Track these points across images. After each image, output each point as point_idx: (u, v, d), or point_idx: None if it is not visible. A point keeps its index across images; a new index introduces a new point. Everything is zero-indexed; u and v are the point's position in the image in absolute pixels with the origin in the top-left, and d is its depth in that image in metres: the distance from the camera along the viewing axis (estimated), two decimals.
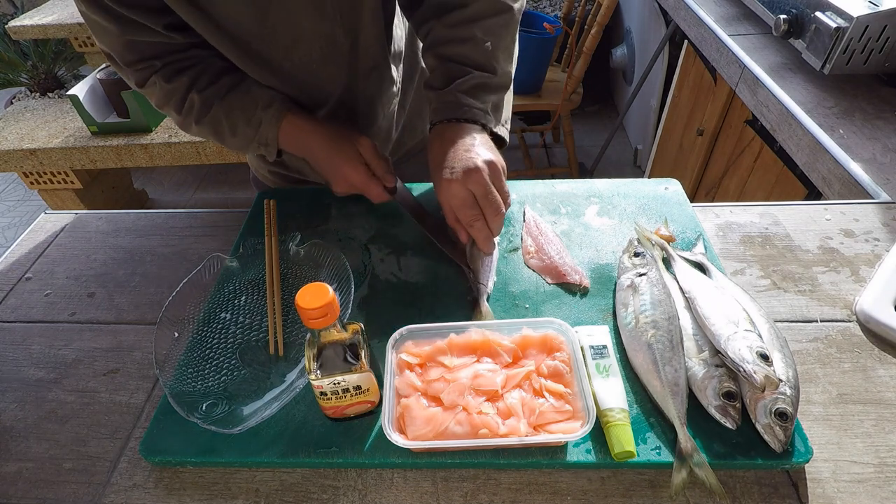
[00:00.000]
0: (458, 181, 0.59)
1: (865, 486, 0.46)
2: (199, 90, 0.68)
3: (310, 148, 0.69)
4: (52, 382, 0.59)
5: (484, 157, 0.60)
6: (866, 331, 0.58)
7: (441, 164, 0.61)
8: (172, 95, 0.68)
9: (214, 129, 0.71)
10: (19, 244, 0.78)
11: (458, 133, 0.63)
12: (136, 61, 0.66)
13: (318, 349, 0.46)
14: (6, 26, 1.94)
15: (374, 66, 0.74)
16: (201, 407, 0.52)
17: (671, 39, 1.86)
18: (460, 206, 0.59)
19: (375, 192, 0.69)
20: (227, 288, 0.65)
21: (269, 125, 0.69)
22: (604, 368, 0.51)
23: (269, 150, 0.71)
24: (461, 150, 0.61)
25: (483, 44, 0.65)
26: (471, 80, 0.65)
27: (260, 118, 0.69)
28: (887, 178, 0.79)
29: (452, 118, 0.64)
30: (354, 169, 0.67)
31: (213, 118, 0.69)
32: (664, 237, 0.66)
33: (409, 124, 0.90)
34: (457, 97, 0.65)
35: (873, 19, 0.91)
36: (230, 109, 0.69)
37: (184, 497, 0.48)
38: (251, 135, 0.70)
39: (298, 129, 0.69)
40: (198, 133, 0.73)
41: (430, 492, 0.47)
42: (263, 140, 0.70)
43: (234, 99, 0.69)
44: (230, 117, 0.69)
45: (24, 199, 2.56)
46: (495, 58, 0.66)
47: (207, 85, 0.68)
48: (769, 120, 1.04)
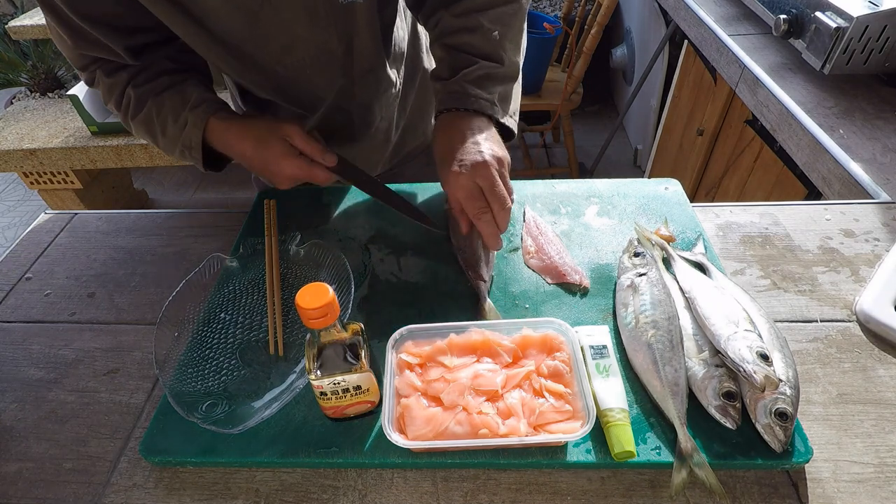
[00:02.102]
0: (467, 174, 0.59)
1: (865, 486, 0.46)
2: (136, 86, 0.65)
3: (239, 150, 0.66)
4: (52, 382, 0.59)
5: (492, 151, 0.60)
6: (866, 331, 0.58)
7: (449, 155, 0.61)
8: (113, 91, 0.66)
9: (147, 128, 0.68)
10: (19, 244, 0.78)
11: (465, 124, 0.63)
12: (87, 65, 0.66)
13: (318, 349, 0.46)
14: (6, 26, 1.94)
15: (369, 69, 0.74)
16: (201, 407, 0.52)
17: (671, 39, 1.86)
18: (467, 199, 0.59)
19: (321, 177, 0.65)
20: (227, 288, 0.65)
21: (193, 127, 0.65)
22: (604, 368, 0.51)
23: (194, 154, 0.66)
24: (469, 142, 0.61)
25: (490, 33, 0.65)
26: (477, 70, 0.64)
27: (186, 118, 0.65)
28: (887, 178, 0.79)
29: (459, 108, 0.64)
30: (290, 162, 0.64)
31: (147, 116, 0.66)
32: (664, 237, 0.66)
33: (409, 125, 0.90)
34: (463, 87, 0.64)
35: (873, 19, 0.91)
36: (161, 107, 0.66)
37: (184, 497, 0.48)
38: (176, 135, 0.66)
39: (223, 132, 0.65)
40: (136, 132, 0.70)
41: (430, 492, 0.47)
42: (188, 142, 0.65)
43: (166, 97, 0.66)
44: (161, 115, 0.66)
45: (24, 199, 2.56)
46: (503, 47, 0.66)
47: (146, 81, 0.66)
48: (769, 120, 1.04)
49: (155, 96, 0.65)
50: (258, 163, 0.64)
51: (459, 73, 0.64)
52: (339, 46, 0.68)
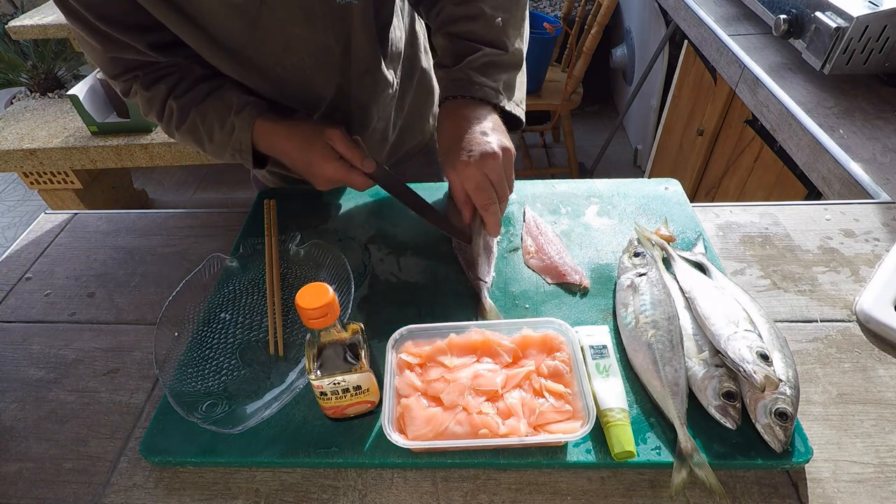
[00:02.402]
0: (475, 165, 0.59)
1: (865, 486, 0.46)
2: (176, 97, 0.67)
3: (284, 151, 0.67)
4: (52, 382, 0.59)
5: (500, 143, 0.60)
6: (866, 331, 0.58)
7: (455, 144, 0.61)
8: (153, 104, 0.68)
9: (194, 136, 0.70)
10: (19, 244, 0.78)
11: (470, 112, 0.62)
12: (119, 74, 0.66)
13: (318, 349, 0.46)
14: (6, 26, 1.94)
15: (366, 69, 0.74)
16: (201, 407, 0.52)
17: (671, 39, 1.86)
18: (475, 189, 0.60)
19: (359, 182, 0.67)
20: (227, 288, 0.65)
21: (241, 130, 0.67)
22: (604, 368, 0.51)
23: (244, 157, 0.69)
24: (477, 131, 0.61)
25: (493, 20, 0.64)
26: (482, 58, 0.64)
27: (233, 124, 0.67)
28: (887, 178, 0.79)
29: (464, 95, 0.63)
30: (330, 165, 0.65)
31: (192, 125, 0.68)
32: (664, 237, 0.66)
33: (407, 125, 0.90)
34: (467, 74, 0.64)
35: (873, 19, 0.91)
36: (205, 115, 0.68)
37: (184, 497, 0.48)
38: (226, 140, 0.68)
39: (269, 133, 0.67)
40: (181, 140, 0.72)
41: (430, 492, 0.47)
42: (237, 146, 0.68)
43: (209, 105, 0.68)
44: (206, 123, 0.68)
45: (24, 199, 2.56)
46: (506, 34, 0.66)
47: (185, 92, 0.68)
48: (769, 120, 1.04)
49: (197, 106, 0.67)
50: (301, 163, 0.66)
51: (463, 60, 0.64)
52: (336, 46, 0.68)
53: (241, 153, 0.68)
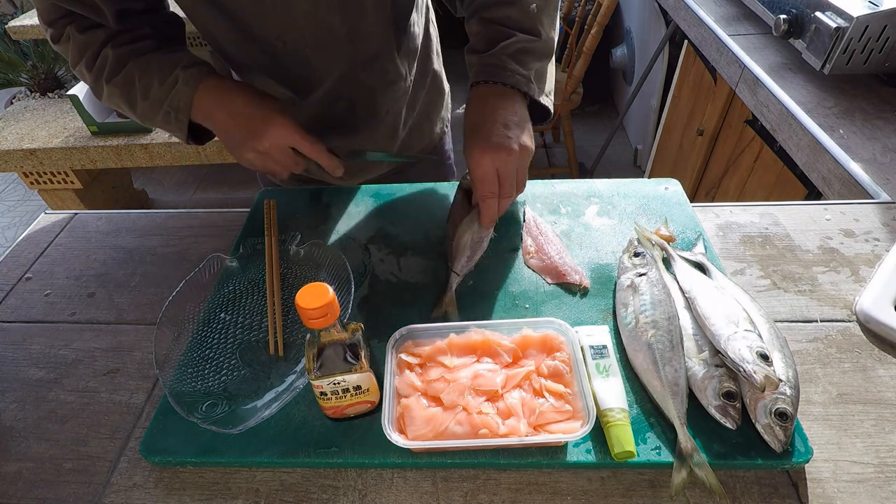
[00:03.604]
0: (489, 156, 0.59)
1: (865, 486, 0.46)
2: (115, 45, 0.61)
3: (231, 103, 0.61)
4: (52, 382, 0.59)
5: (520, 140, 0.60)
6: (866, 331, 0.58)
7: (477, 130, 0.61)
8: (86, 49, 0.62)
9: (125, 93, 0.62)
10: (19, 244, 0.78)
11: (499, 101, 0.62)
12: (57, 19, 0.62)
13: (318, 349, 0.46)
14: (6, 26, 1.94)
15: (375, 55, 0.73)
16: (201, 407, 0.52)
17: (671, 39, 1.86)
18: (480, 178, 0.60)
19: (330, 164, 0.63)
20: (227, 288, 0.65)
21: (184, 85, 0.60)
22: (604, 368, 0.51)
23: (179, 117, 0.62)
24: (500, 123, 0.60)
25: (528, 6, 0.64)
26: (516, 44, 0.63)
27: (177, 77, 0.60)
28: (887, 178, 0.79)
29: (495, 81, 0.63)
30: (289, 126, 0.60)
31: (126, 78, 0.61)
32: (664, 237, 0.66)
33: (416, 125, 0.90)
34: (501, 60, 0.63)
35: (873, 19, 0.91)
36: (146, 68, 0.61)
37: (184, 497, 0.48)
38: (162, 97, 0.61)
39: (220, 87, 0.61)
40: (108, 99, 0.65)
41: (430, 492, 0.47)
42: (175, 103, 0.61)
43: (153, 58, 0.62)
44: (145, 77, 0.61)
45: (24, 199, 2.56)
46: (540, 21, 0.65)
47: (127, 42, 0.62)
48: (769, 120, 1.04)
49: (138, 57, 0.61)
50: (251, 115, 0.61)
51: (497, 45, 0.63)
52: (341, 28, 0.67)
53: (176, 113, 0.61)
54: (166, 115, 0.62)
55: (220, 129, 0.62)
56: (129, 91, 0.62)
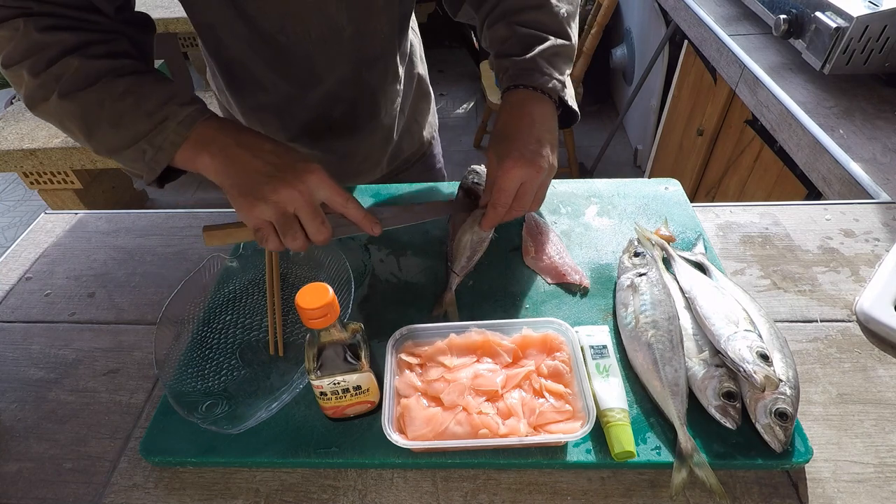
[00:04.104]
0: (520, 169, 0.58)
1: (865, 486, 0.46)
2: (87, 56, 0.51)
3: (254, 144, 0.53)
4: (52, 382, 0.59)
5: (550, 159, 0.60)
6: (866, 331, 0.58)
7: (512, 137, 0.60)
8: (38, 50, 0.50)
9: (84, 114, 0.52)
10: (19, 244, 0.78)
11: (536, 109, 0.62)
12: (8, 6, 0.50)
13: (318, 349, 0.46)
14: None
15: (381, 55, 0.73)
16: (201, 407, 0.52)
17: (671, 39, 1.86)
18: (502, 189, 0.59)
19: (367, 221, 0.56)
20: (227, 288, 0.65)
21: (177, 125, 0.51)
22: (604, 368, 0.51)
23: (156, 160, 0.52)
24: (535, 136, 0.60)
25: (559, 10, 0.65)
26: (551, 48, 0.63)
27: (167, 113, 0.51)
28: (887, 178, 0.79)
29: (533, 86, 0.62)
30: (326, 174, 0.52)
31: (91, 98, 0.51)
32: (664, 237, 0.66)
33: (406, 129, 0.89)
34: (538, 64, 0.63)
35: (873, 19, 0.91)
36: (126, 93, 0.51)
37: (184, 497, 0.48)
38: (142, 130, 0.51)
39: (233, 129, 0.54)
40: (51, 114, 0.53)
41: (430, 492, 0.47)
42: (158, 141, 0.52)
43: (136, 82, 0.52)
44: (121, 102, 0.51)
45: (24, 199, 2.56)
46: (569, 24, 0.66)
47: (104, 55, 0.52)
48: (769, 120, 1.04)
49: (116, 77, 0.52)
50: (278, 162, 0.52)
51: (533, 49, 0.63)
52: (348, 26, 0.67)
53: (157, 152, 0.52)
54: (139, 151, 0.52)
55: (235, 171, 0.52)
56: (90, 113, 0.52)
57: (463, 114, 3.00)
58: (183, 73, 2.45)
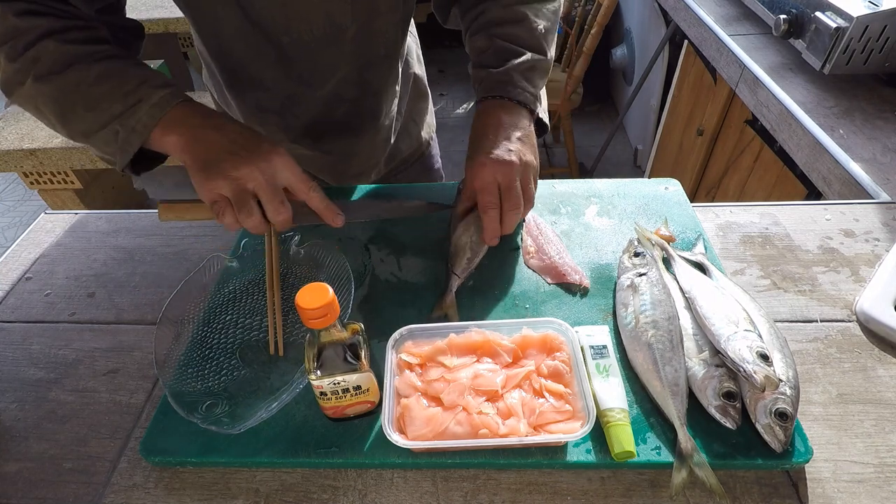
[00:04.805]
0: (489, 167, 0.59)
1: (865, 486, 0.46)
2: (64, 41, 0.52)
3: (223, 126, 0.54)
4: (52, 382, 0.59)
5: (523, 155, 0.61)
6: (866, 331, 0.58)
7: (481, 142, 0.61)
8: (15, 35, 0.51)
9: (59, 97, 0.53)
10: (19, 244, 0.78)
11: (507, 116, 0.63)
12: None
13: (318, 349, 0.46)
14: None
15: (384, 56, 0.73)
16: (201, 407, 0.52)
17: (671, 39, 1.86)
18: (482, 189, 0.60)
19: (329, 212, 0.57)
20: (227, 288, 0.65)
21: (150, 106, 0.52)
22: (604, 368, 0.51)
23: (128, 142, 0.53)
24: (503, 137, 0.61)
25: (537, 26, 0.67)
26: (526, 62, 0.65)
27: (140, 96, 0.52)
28: (887, 178, 0.79)
29: (506, 97, 0.64)
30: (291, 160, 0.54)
31: (67, 81, 0.52)
32: (664, 237, 0.66)
33: (404, 129, 0.90)
34: (511, 77, 0.64)
35: (873, 19, 0.91)
36: (100, 77, 0.52)
37: (184, 497, 0.48)
38: (114, 112, 0.52)
39: (204, 111, 0.54)
40: (26, 98, 0.54)
41: (430, 492, 0.47)
42: (131, 123, 0.52)
43: (110, 67, 0.53)
44: (96, 86, 0.52)
45: (24, 199, 2.56)
46: (546, 40, 0.68)
47: (81, 41, 0.53)
48: (769, 120, 1.04)
49: (91, 62, 0.52)
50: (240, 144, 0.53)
51: (507, 63, 0.65)
52: (351, 26, 0.67)
53: (130, 133, 0.53)
54: (110, 134, 0.53)
55: (201, 149, 0.53)
56: (65, 96, 0.53)
57: (463, 114, 3.00)
58: (183, 73, 2.45)
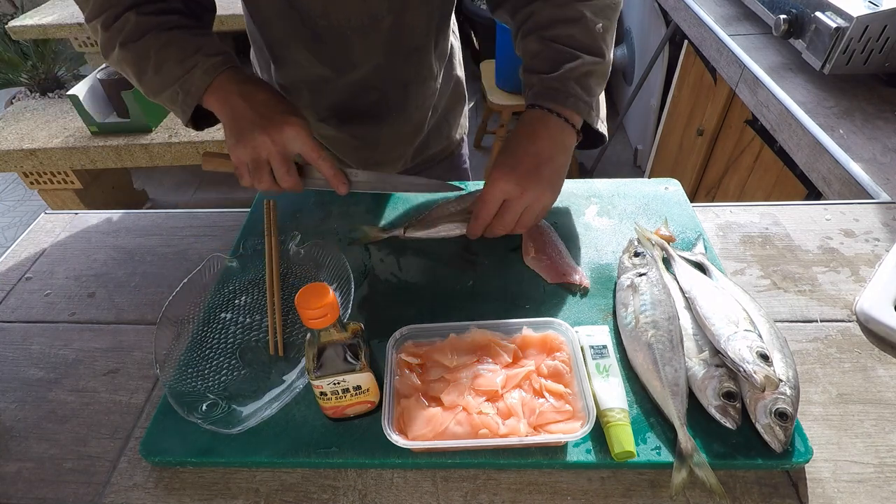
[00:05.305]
0: (504, 184, 0.59)
1: (865, 486, 0.46)
2: (141, 12, 0.61)
3: (252, 94, 0.60)
4: (52, 382, 0.59)
5: (542, 192, 0.60)
6: (866, 331, 0.58)
7: (512, 151, 0.60)
8: (108, 7, 0.61)
9: (136, 61, 0.62)
10: (19, 244, 0.78)
11: (549, 138, 0.60)
12: None
13: (318, 349, 0.46)
14: (6, 26, 1.94)
15: (415, 49, 0.74)
16: (201, 407, 0.52)
17: (671, 39, 1.86)
18: (484, 199, 0.61)
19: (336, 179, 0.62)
20: (227, 288, 0.65)
21: (203, 72, 0.60)
22: (604, 368, 0.51)
23: (186, 102, 0.62)
24: (535, 158, 0.59)
25: (594, 25, 0.62)
26: (581, 67, 0.60)
27: (196, 62, 0.60)
28: (887, 178, 0.79)
29: (556, 107, 0.60)
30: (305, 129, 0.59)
31: (142, 47, 0.61)
32: (664, 237, 0.66)
33: (436, 127, 0.90)
34: (564, 84, 0.60)
35: (873, 19, 0.91)
36: (167, 44, 0.61)
37: (184, 497, 0.48)
38: (176, 75, 0.61)
39: (242, 79, 0.61)
40: (116, 61, 0.64)
41: (430, 492, 0.47)
42: (187, 86, 0.61)
43: (175, 35, 0.61)
44: (163, 51, 0.61)
45: (24, 199, 2.56)
46: (604, 41, 0.63)
47: (155, 12, 0.62)
48: (769, 120, 1.04)
49: (161, 31, 0.61)
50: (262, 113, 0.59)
51: (561, 67, 0.60)
52: (387, 17, 0.68)
53: (185, 96, 0.61)
54: (174, 94, 0.62)
55: (230, 115, 0.60)
56: (140, 61, 0.62)
57: None
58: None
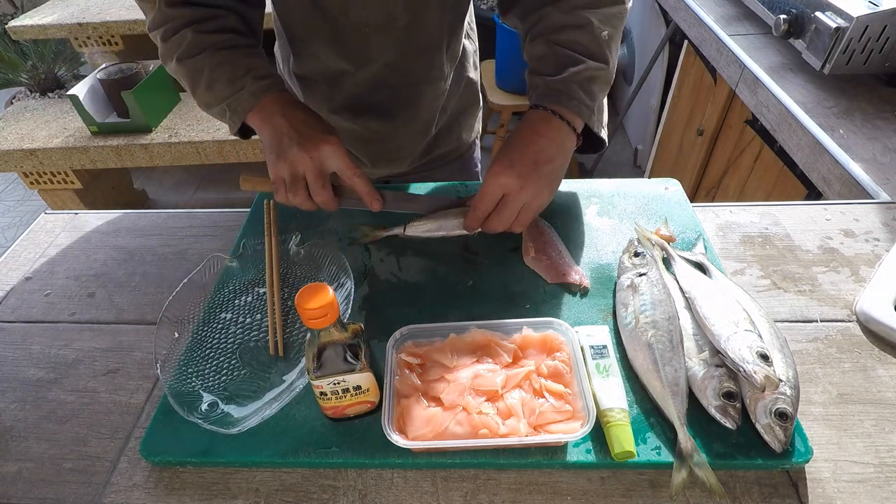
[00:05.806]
0: (501, 176, 0.59)
1: (865, 486, 0.46)
2: (197, 31, 0.64)
3: (293, 114, 0.63)
4: (52, 382, 0.59)
5: (540, 190, 0.61)
6: (866, 331, 0.58)
7: (512, 148, 0.61)
8: (167, 21, 0.64)
9: (192, 75, 0.66)
10: (19, 244, 0.78)
11: (549, 138, 0.61)
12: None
13: (318, 349, 0.46)
14: (6, 26, 1.94)
15: (427, 48, 0.75)
16: (201, 407, 0.52)
17: (671, 39, 1.86)
18: (482, 194, 0.61)
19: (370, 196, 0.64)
20: (227, 288, 0.65)
21: (250, 94, 0.63)
22: (604, 368, 0.51)
23: (233, 119, 0.66)
24: (534, 156, 0.60)
25: (600, 32, 0.63)
26: (585, 71, 0.62)
27: (244, 84, 0.64)
28: (887, 178, 0.79)
29: (558, 109, 0.61)
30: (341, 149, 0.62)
31: (197, 64, 0.64)
32: (664, 237, 0.66)
33: (446, 128, 0.91)
34: (568, 87, 0.61)
35: (873, 19, 0.91)
36: (220, 63, 0.64)
37: (184, 497, 0.48)
38: (225, 94, 0.64)
39: (286, 100, 0.64)
40: (173, 71, 0.68)
41: (430, 492, 0.47)
42: (234, 106, 0.64)
43: (228, 56, 0.65)
44: (216, 70, 0.64)
45: (24, 199, 2.56)
46: (609, 48, 0.64)
47: (211, 31, 0.65)
48: (769, 120, 1.04)
49: (216, 49, 0.64)
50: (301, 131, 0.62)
51: (566, 71, 0.62)
52: (402, 17, 0.69)
53: (233, 113, 0.65)
54: (222, 110, 0.66)
55: (271, 133, 0.63)
56: (195, 76, 0.65)
57: None
58: None
